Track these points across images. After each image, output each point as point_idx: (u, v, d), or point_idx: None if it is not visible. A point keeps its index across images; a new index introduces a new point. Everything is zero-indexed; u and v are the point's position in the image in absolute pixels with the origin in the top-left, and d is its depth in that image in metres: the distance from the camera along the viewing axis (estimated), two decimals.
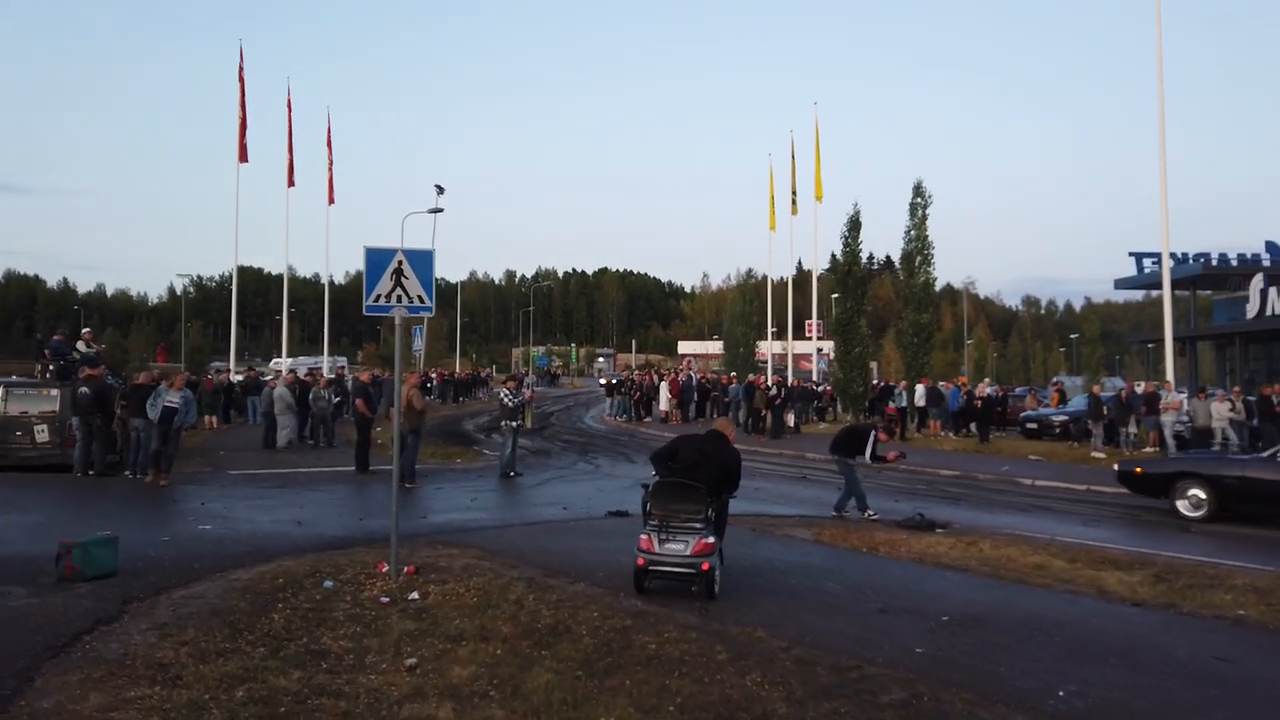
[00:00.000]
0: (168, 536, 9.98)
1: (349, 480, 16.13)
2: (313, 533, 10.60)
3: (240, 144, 39.26)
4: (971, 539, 11.25)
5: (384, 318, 35.77)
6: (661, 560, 7.86)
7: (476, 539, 10.55)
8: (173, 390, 14.91)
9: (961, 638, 7.09)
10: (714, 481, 7.98)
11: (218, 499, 13.31)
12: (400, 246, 8.76)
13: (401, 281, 8.70)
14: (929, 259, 34.60)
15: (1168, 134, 25.22)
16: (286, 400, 22.26)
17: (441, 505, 13.30)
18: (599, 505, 13.53)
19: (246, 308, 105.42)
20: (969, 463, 21.25)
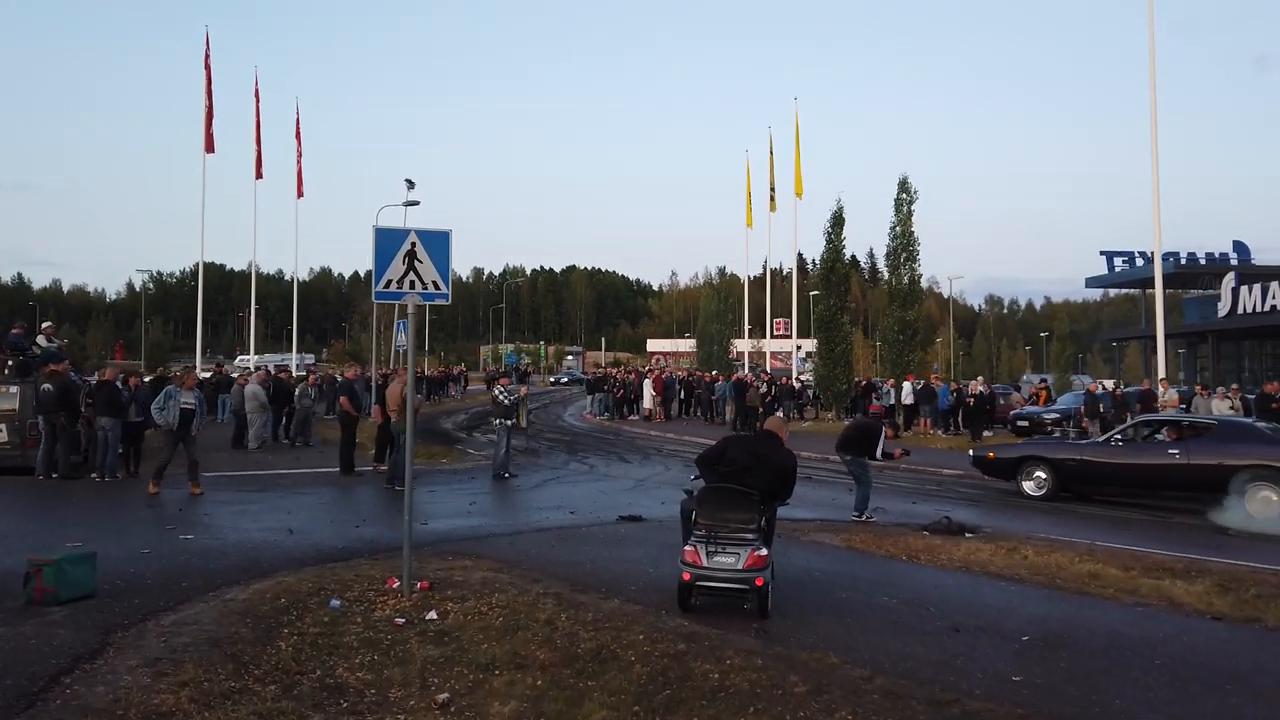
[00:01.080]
0: (148, 549, 9.03)
1: (334, 483, 15.19)
2: (307, 542, 9.69)
3: (207, 133, 37.98)
4: (1010, 544, 10.59)
5: (357, 314, 34.92)
6: (710, 575, 7.07)
7: (487, 548, 9.71)
8: (185, 389, 13.48)
9: (1052, 661, 6.37)
10: (767, 487, 7.21)
11: (197, 504, 12.34)
12: (413, 227, 7.89)
13: (415, 266, 7.84)
14: (914, 255, 34.15)
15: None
16: (260, 399, 21.23)
17: (439, 510, 12.42)
18: (606, 509, 12.74)
19: (208, 304, 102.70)
20: (968, 461, 20.63)
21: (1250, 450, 13.38)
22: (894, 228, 34.32)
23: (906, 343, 33.90)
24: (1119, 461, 14.45)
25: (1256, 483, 12.89)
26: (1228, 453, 13.46)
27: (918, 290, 34.27)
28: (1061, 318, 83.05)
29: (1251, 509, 12.78)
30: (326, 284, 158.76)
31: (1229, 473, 13.05)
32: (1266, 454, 13.19)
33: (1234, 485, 12.93)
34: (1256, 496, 12.85)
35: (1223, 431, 14.28)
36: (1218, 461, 13.36)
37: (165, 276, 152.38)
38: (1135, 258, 59.36)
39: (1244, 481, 12.92)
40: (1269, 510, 12.66)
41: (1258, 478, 12.91)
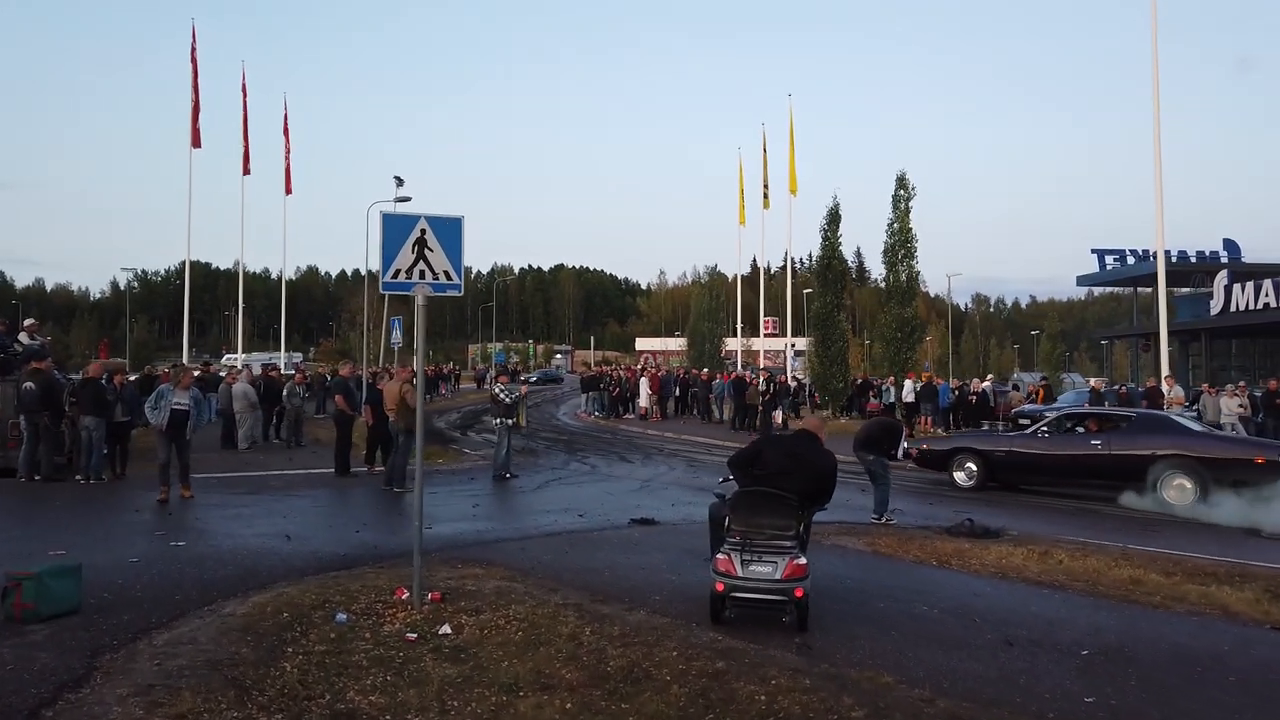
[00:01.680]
0: (137, 557, 8.47)
1: (329, 485, 14.64)
2: (306, 549, 9.15)
3: (193, 128, 37.19)
4: (1042, 548, 10.15)
5: (346, 312, 34.07)
6: (745, 585, 6.57)
7: (498, 554, 9.19)
8: (179, 389, 12.54)
9: (1121, 679, 5.90)
10: (806, 490, 6.71)
11: (186, 508, 11.78)
12: (423, 213, 7.37)
13: (425, 254, 7.32)
14: (912, 252, 33.78)
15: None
16: (250, 398, 20.63)
17: (442, 514, 11.88)
18: (616, 511, 12.24)
19: (194, 303, 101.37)
20: None
21: (1166, 441, 14.19)
22: (891, 224, 33.97)
23: (904, 340, 33.57)
24: (1044, 452, 15.01)
25: (1172, 472, 13.72)
26: (1145, 444, 14.24)
27: (915, 287, 33.94)
28: (1052, 316, 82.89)
29: (1167, 496, 13.68)
30: (313, 283, 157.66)
31: (1147, 462, 13.88)
32: (1181, 445, 14.02)
33: (1151, 474, 13.78)
34: (1172, 484, 13.69)
35: (1140, 423, 15.03)
36: (1136, 452, 14.13)
37: (150, 275, 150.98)
38: (1126, 256, 59.30)
39: (1160, 470, 13.77)
40: (1183, 497, 13.51)
41: (1173, 467, 13.73)
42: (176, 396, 12.43)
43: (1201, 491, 13.40)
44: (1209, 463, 13.60)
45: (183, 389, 12.59)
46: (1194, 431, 14.76)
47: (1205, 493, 13.36)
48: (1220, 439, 15.38)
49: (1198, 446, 13.98)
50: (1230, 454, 13.86)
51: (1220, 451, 13.94)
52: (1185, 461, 13.72)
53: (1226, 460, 13.64)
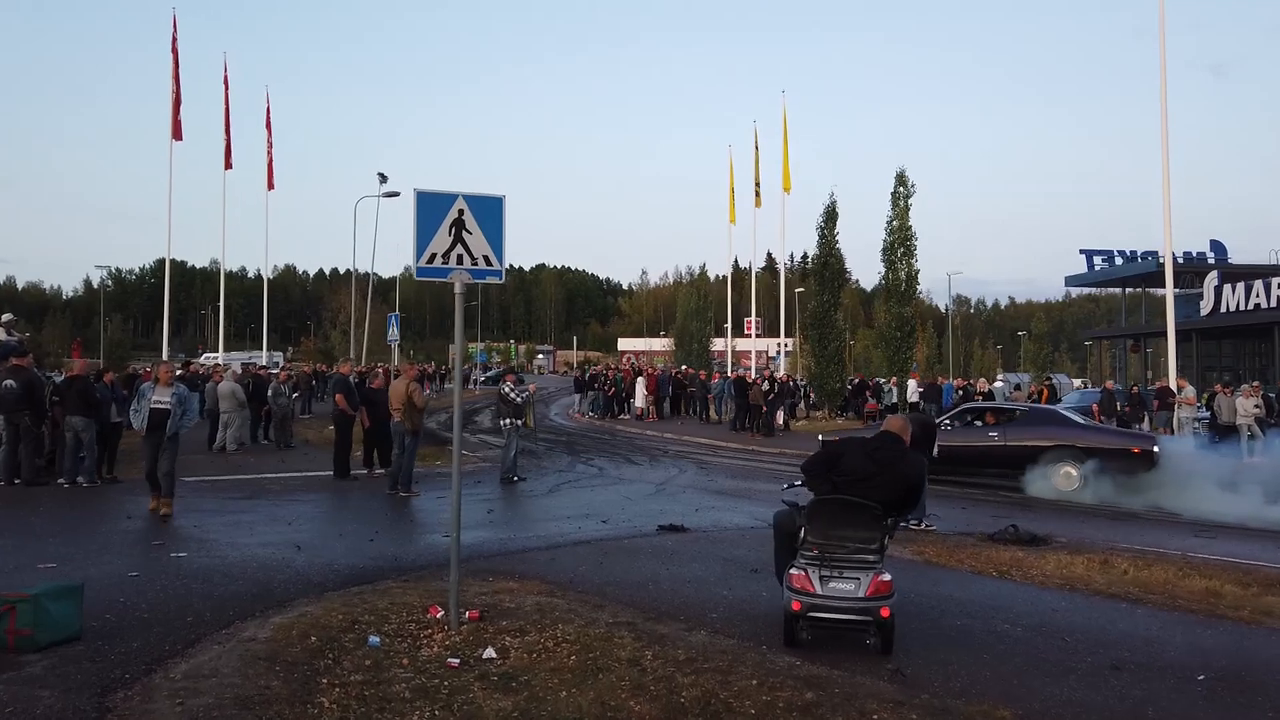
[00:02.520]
0: (136, 570, 7.71)
1: (328, 488, 13.87)
2: (320, 561, 8.41)
3: (174, 120, 36.22)
4: (1100, 557, 9.57)
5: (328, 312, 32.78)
6: (826, 604, 5.92)
7: (528, 566, 8.50)
8: (160, 386, 11.04)
9: (1256, 710, 5.30)
10: (891, 499, 6.06)
11: (182, 514, 10.98)
12: (460, 191, 6.66)
13: (463, 237, 6.62)
14: (911, 250, 33.34)
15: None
16: (238, 397, 19.79)
17: None
18: (638, 517, 11.58)
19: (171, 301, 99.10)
20: None
21: (1055, 432, 15.45)
22: (890, 222, 33.54)
23: (904, 339, 33.12)
24: (948, 444, 15.42)
25: (1059, 460, 14.92)
26: (1037, 435, 15.47)
27: (914, 285, 33.50)
28: (1039, 316, 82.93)
29: (1055, 482, 14.86)
30: (291, 282, 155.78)
31: (1038, 452, 15.10)
32: (1068, 436, 15.28)
33: (1042, 462, 14.98)
34: (1060, 472, 14.89)
35: (1032, 416, 16.49)
36: (1029, 442, 15.32)
37: (124, 273, 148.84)
38: (1115, 257, 59.12)
39: (1049, 459, 14.97)
40: (1069, 483, 14.73)
41: (1061, 456, 14.95)
42: (157, 394, 10.99)
43: (1085, 478, 14.62)
44: (1091, 452, 14.82)
45: (164, 385, 11.10)
46: (1079, 424, 16.05)
47: (1088, 479, 14.58)
48: (1101, 431, 16.47)
49: (1082, 437, 15.26)
50: (1110, 444, 15.10)
51: (1101, 442, 15.18)
52: (1071, 451, 14.95)
53: (1107, 450, 14.84)
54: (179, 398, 11.05)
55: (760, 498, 13.77)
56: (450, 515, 10.54)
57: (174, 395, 11.02)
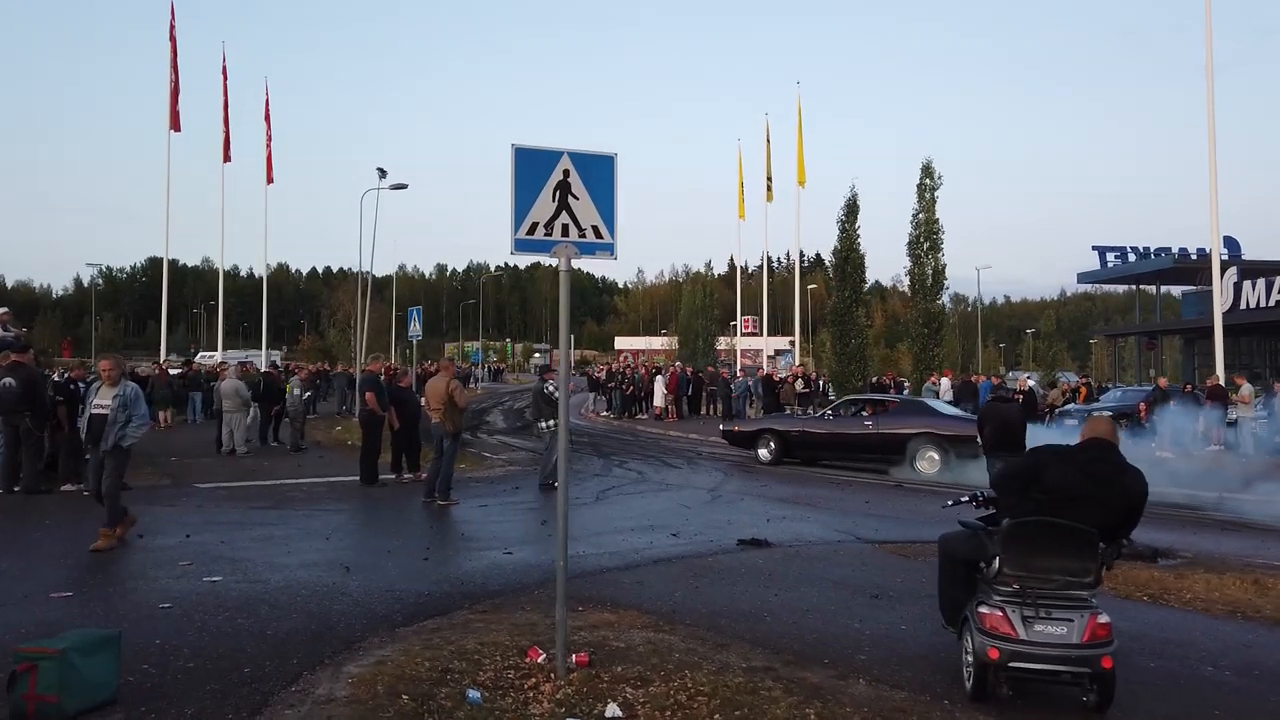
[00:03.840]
0: (169, 601, 6.56)
1: (358, 496, 12.74)
2: (377, 586, 7.27)
3: (172, 110, 35.12)
4: (1249, 576, 8.48)
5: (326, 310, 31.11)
6: (1032, 652, 4.81)
7: (616, 590, 7.40)
8: (104, 386, 8.89)
9: None
10: (1109, 522, 4.95)
11: (204, 526, 9.84)
12: (565, 148, 5.55)
13: (569, 203, 5.51)
14: (938, 244, 32.30)
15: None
16: (242, 395, 18.62)
17: (511, 533, 10.06)
18: (707, 528, 10.47)
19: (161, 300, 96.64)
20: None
21: (919, 421, 16.62)
22: (916, 215, 32.47)
23: (931, 336, 32.08)
24: (828, 432, 17.48)
25: (923, 447, 16.10)
26: (904, 424, 16.68)
27: (942, 280, 32.44)
28: (1048, 315, 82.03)
29: (919, 466, 15.99)
30: (284, 280, 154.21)
31: (904, 439, 16.30)
32: (931, 424, 16.44)
33: (908, 449, 16.16)
34: (923, 457, 16.07)
35: (902, 407, 17.77)
36: (896, 431, 16.53)
37: (116, 271, 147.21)
38: (1128, 253, 58.24)
39: (914, 446, 16.14)
40: (931, 468, 15.89)
41: (923, 443, 16.13)
42: (99, 396, 8.88)
43: (945, 462, 15.75)
44: (950, 439, 15.92)
45: (108, 385, 8.86)
46: (942, 413, 17.11)
47: (948, 463, 15.68)
48: (961, 419, 16.89)
49: (943, 425, 16.34)
50: (967, 431, 15.34)
51: (959, 429, 15.91)
52: (933, 438, 16.13)
53: (964, 436, 15.42)
54: (122, 400, 8.72)
55: (825, 505, 12.70)
56: (506, 528, 9.43)
57: (117, 397, 8.74)
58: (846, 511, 12.15)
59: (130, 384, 9.06)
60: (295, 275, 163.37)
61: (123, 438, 8.70)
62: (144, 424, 8.94)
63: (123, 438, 8.70)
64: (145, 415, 8.98)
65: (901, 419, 16.88)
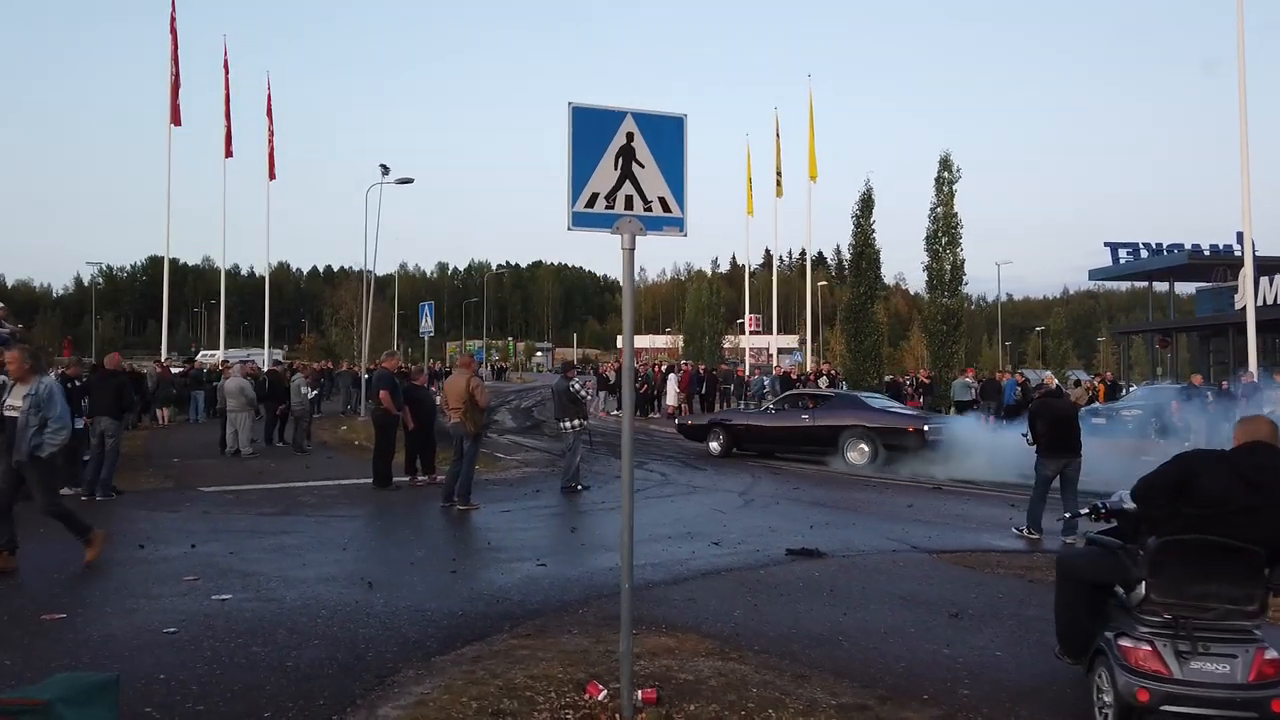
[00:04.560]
0: (173, 626, 5.84)
1: (371, 500, 12.03)
2: (405, 605, 6.55)
3: (173, 104, 34.40)
4: None
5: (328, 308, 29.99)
6: (1189, 693, 4.09)
7: (668, 610, 6.68)
8: (16, 385, 7.66)
9: None
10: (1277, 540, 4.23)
11: (210, 535, 9.13)
12: (629, 108, 4.83)
13: (633, 171, 4.79)
14: (956, 239, 31.60)
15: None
16: (247, 394, 17.92)
17: (542, 543, 9.34)
18: (751, 536, 9.75)
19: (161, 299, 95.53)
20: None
21: (851, 415, 17.28)
22: (934, 209, 31.77)
23: (950, 333, 31.39)
24: (771, 425, 18.19)
25: (853, 439, 16.77)
26: (837, 417, 17.35)
27: (960, 275, 31.74)
28: (1058, 313, 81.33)
29: (850, 457, 16.66)
30: (285, 280, 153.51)
31: (837, 432, 16.98)
32: (861, 418, 17.05)
33: (840, 440, 16.86)
34: (854, 449, 16.72)
35: (836, 401, 18.32)
36: (830, 423, 17.22)
37: (116, 270, 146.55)
38: (1140, 249, 57.50)
39: (845, 438, 16.81)
40: (861, 459, 16.55)
41: (854, 435, 16.79)
42: (10, 395, 7.70)
43: (873, 454, 16.44)
44: (878, 431, 16.65)
45: (19, 381, 7.61)
46: (871, 407, 17.66)
47: (876, 455, 16.40)
48: (888, 413, 17.61)
49: (871, 419, 16.98)
50: (891, 424, 16.75)
51: (885, 422, 16.83)
52: (863, 430, 16.76)
53: (889, 429, 16.62)
54: (34, 400, 7.36)
55: (867, 510, 11.99)
56: (534, 536, 8.70)
57: (28, 397, 7.41)
58: (891, 516, 11.44)
59: (46, 380, 7.70)
60: (296, 274, 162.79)
61: (38, 447, 7.33)
62: (62, 428, 7.50)
63: (38, 447, 7.33)
64: (63, 418, 7.57)
65: (835, 413, 17.59)
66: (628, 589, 4.76)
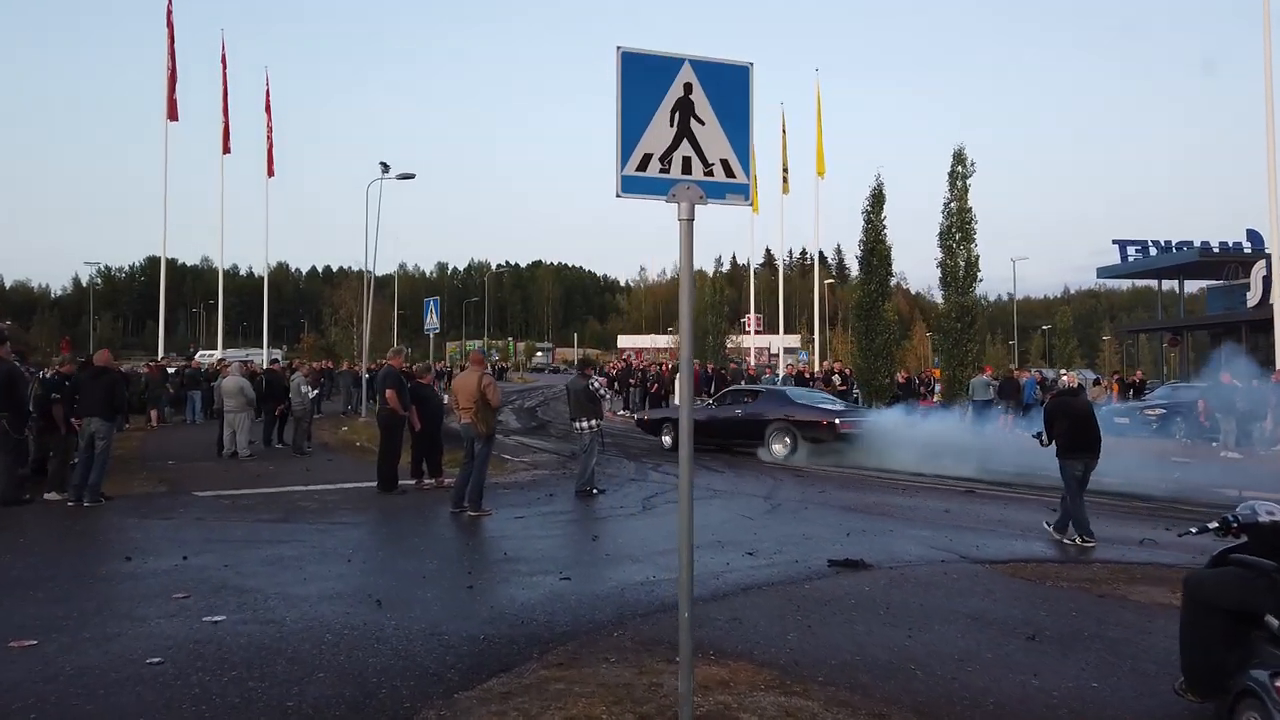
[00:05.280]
0: (158, 655, 5.15)
1: (376, 506, 11.35)
2: (418, 627, 5.86)
3: (169, 99, 33.73)
4: None
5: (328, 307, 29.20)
6: None
7: (712, 632, 6.00)
8: None
9: None
10: None
11: (204, 545, 8.44)
12: (686, 54, 4.14)
13: (691, 128, 4.11)
14: (970, 234, 30.89)
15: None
16: (246, 394, 17.22)
17: (561, 553, 8.66)
18: (787, 545, 9.06)
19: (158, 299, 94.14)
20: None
21: (775, 409, 18.15)
22: (948, 204, 31.04)
23: (965, 331, 30.68)
24: (710, 419, 18.76)
25: (776, 432, 17.64)
26: (764, 411, 18.21)
27: (975, 272, 31.02)
28: (1064, 311, 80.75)
29: (774, 449, 17.47)
30: (284, 279, 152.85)
31: (764, 425, 17.84)
32: (783, 412, 17.96)
33: (766, 433, 17.71)
34: (778, 441, 17.58)
35: (765, 396, 19.19)
36: (758, 417, 18.10)
37: (114, 271, 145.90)
38: (1149, 247, 56.87)
39: (769, 431, 17.70)
40: (784, 450, 17.34)
41: (777, 429, 17.66)
42: None
43: (794, 446, 17.27)
44: (798, 424, 17.53)
45: None
46: (794, 402, 18.52)
47: (795, 447, 17.24)
48: (808, 407, 18.26)
49: (795, 413, 17.81)
50: (809, 418, 17.58)
51: (804, 416, 17.70)
52: (785, 424, 17.63)
53: (807, 422, 17.51)
54: None
55: (901, 515, 11.30)
56: (553, 546, 8.00)
57: None
58: (929, 522, 10.75)
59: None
60: (295, 274, 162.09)
61: None
62: None
63: None
64: None
65: (763, 407, 18.39)
66: (686, 618, 4.07)
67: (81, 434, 11.11)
